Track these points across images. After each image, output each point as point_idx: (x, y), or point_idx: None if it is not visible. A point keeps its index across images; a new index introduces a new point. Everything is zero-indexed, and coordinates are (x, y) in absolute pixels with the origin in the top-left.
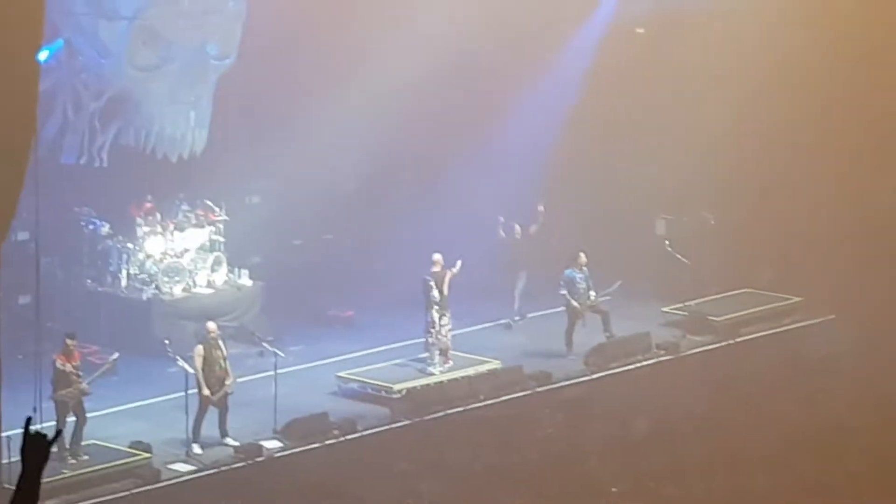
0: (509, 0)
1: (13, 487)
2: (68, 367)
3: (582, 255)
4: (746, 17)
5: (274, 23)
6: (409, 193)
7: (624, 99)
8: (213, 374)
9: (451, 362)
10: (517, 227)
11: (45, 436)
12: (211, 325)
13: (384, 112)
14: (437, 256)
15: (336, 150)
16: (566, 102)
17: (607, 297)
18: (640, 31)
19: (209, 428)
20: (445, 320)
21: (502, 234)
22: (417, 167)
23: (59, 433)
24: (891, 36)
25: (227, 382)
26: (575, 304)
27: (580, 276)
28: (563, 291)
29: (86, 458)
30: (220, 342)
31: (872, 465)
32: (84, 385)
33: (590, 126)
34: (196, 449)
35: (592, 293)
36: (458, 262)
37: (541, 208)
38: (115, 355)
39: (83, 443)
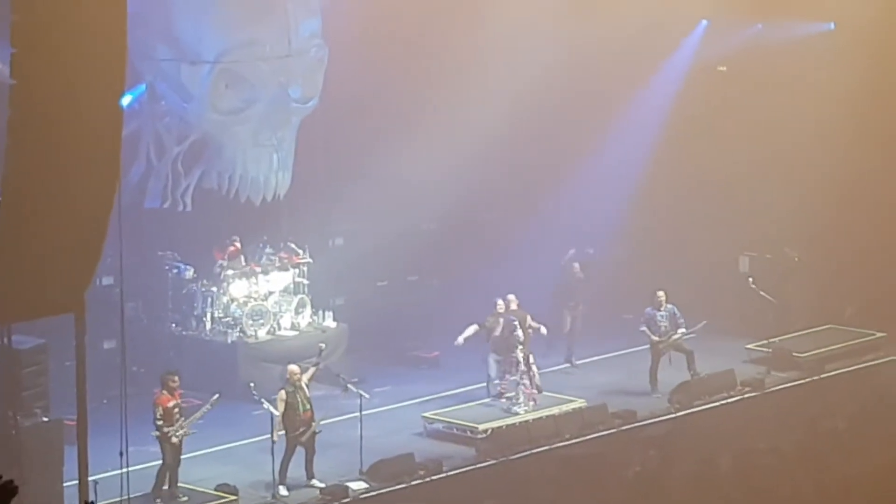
0: (591, 40)
1: None
2: (170, 406)
3: (660, 293)
4: (832, 53)
5: (356, 67)
6: (492, 233)
7: (707, 137)
8: (296, 417)
9: (536, 402)
10: (576, 266)
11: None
12: (293, 368)
13: (465, 152)
14: (511, 297)
15: (418, 191)
16: (649, 140)
17: (692, 335)
18: (723, 69)
19: (295, 470)
20: (532, 359)
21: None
22: (500, 206)
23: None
24: None
25: (314, 422)
26: (655, 339)
27: (661, 314)
28: (644, 328)
29: (185, 499)
30: (304, 384)
31: None
32: (185, 425)
33: (673, 164)
34: (282, 491)
35: (682, 330)
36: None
37: (590, 251)
38: (216, 396)
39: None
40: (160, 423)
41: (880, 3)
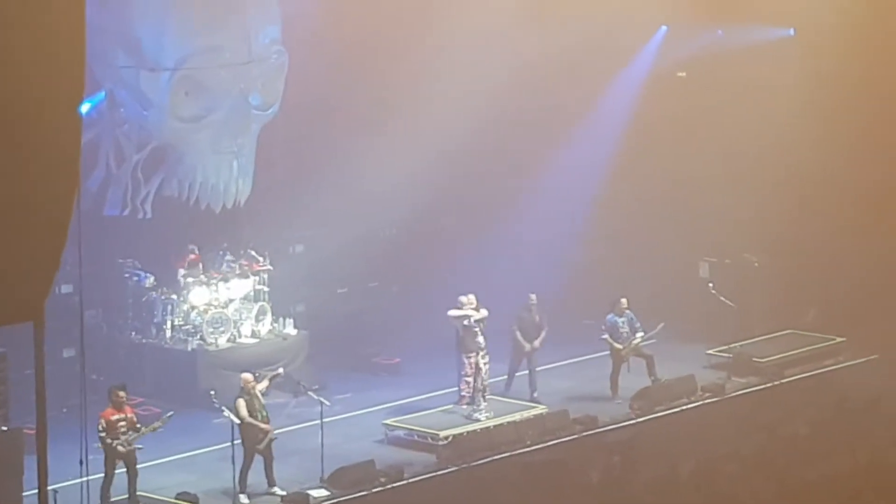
0: (551, 47)
1: None
2: (114, 419)
3: (623, 300)
4: (792, 59)
5: (316, 73)
6: (451, 238)
7: (666, 143)
8: (254, 425)
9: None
10: (532, 298)
11: None
12: (246, 376)
13: (425, 157)
14: (471, 297)
15: (378, 197)
16: (609, 146)
17: (652, 341)
18: (682, 74)
19: (255, 477)
20: (487, 362)
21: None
22: (459, 212)
23: None
24: None
25: (270, 429)
26: (618, 347)
27: (622, 320)
28: (605, 336)
29: None
30: (258, 392)
31: None
32: (130, 441)
33: (632, 171)
34: (243, 499)
35: (640, 335)
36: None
37: (532, 297)
38: (170, 413)
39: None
40: (102, 434)
41: (839, 10)
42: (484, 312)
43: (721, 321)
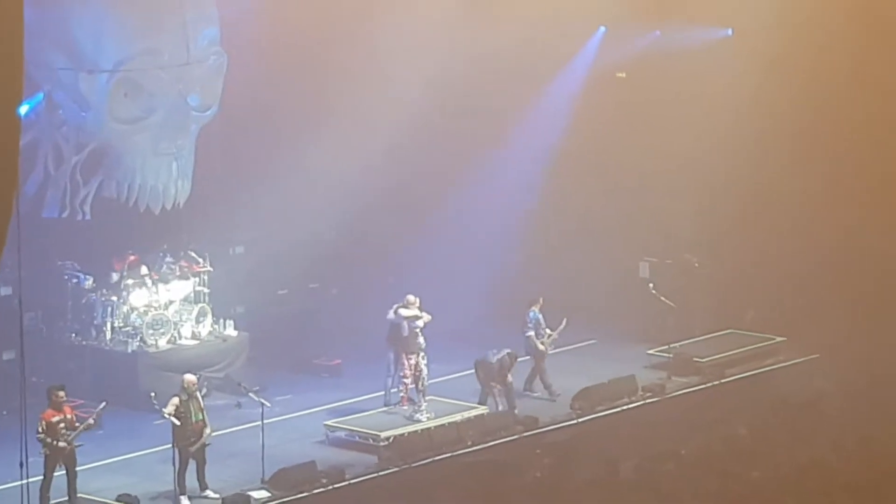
0: (489, 46)
1: None
2: (55, 420)
3: (541, 298)
4: (731, 59)
5: (254, 74)
6: (390, 239)
7: (605, 143)
8: (188, 426)
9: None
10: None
11: None
12: (189, 377)
13: (365, 159)
14: (413, 298)
15: (317, 199)
16: (548, 146)
17: (556, 334)
18: (622, 75)
19: (194, 480)
20: (426, 364)
21: None
22: (399, 213)
23: None
24: (874, 81)
25: (206, 433)
26: (541, 347)
27: (541, 315)
28: (530, 333)
29: None
30: (198, 394)
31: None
32: (69, 440)
33: (572, 171)
34: (184, 501)
35: (548, 331)
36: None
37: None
38: (103, 405)
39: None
40: (41, 436)
41: (777, 10)
42: (427, 317)
43: (661, 321)
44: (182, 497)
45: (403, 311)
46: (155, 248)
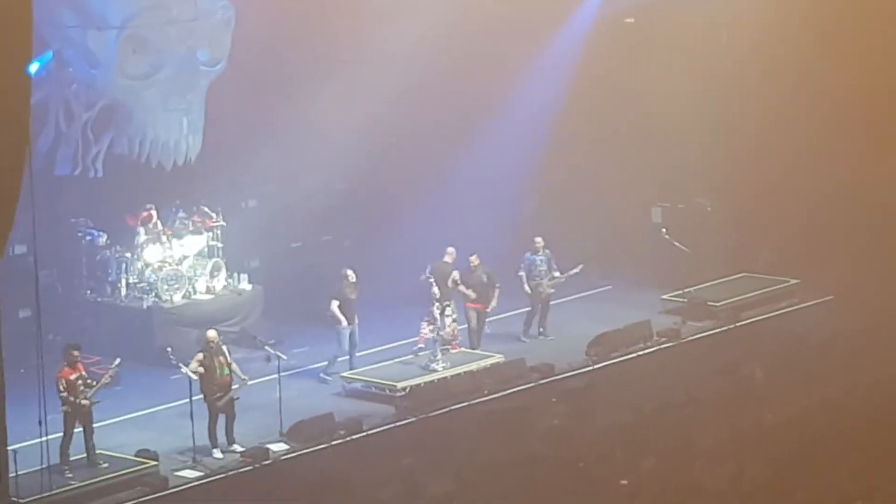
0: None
1: (19, 500)
2: (73, 378)
3: (539, 238)
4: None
5: (263, 27)
6: (405, 190)
7: (616, 89)
8: (213, 381)
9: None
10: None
11: None
12: (211, 334)
13: (376, 110)
14: (451, 249)
15: (330, 151)
16: (558, 93)
17: (563, 278)
18: (630, 20)
19: (222, 434)
20: (449, 311)
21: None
22: (412, 163)
23: None
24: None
25: (235, 387)
26: (527, 290)
27: (540, 258)
28: (521, 273)
29: (105, 465)
30: (224, 348)
31: (865, 445)
32: (89, 397)
33: (582, 117)
34: (217, 454)
35: (556, 274)
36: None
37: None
38: (117, 361)
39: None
40: (64, 394)
41: None
42: (456, 275)
43: (675, 266)
44: (215, 450)
45: (448, 259)
46: (167, 204)
